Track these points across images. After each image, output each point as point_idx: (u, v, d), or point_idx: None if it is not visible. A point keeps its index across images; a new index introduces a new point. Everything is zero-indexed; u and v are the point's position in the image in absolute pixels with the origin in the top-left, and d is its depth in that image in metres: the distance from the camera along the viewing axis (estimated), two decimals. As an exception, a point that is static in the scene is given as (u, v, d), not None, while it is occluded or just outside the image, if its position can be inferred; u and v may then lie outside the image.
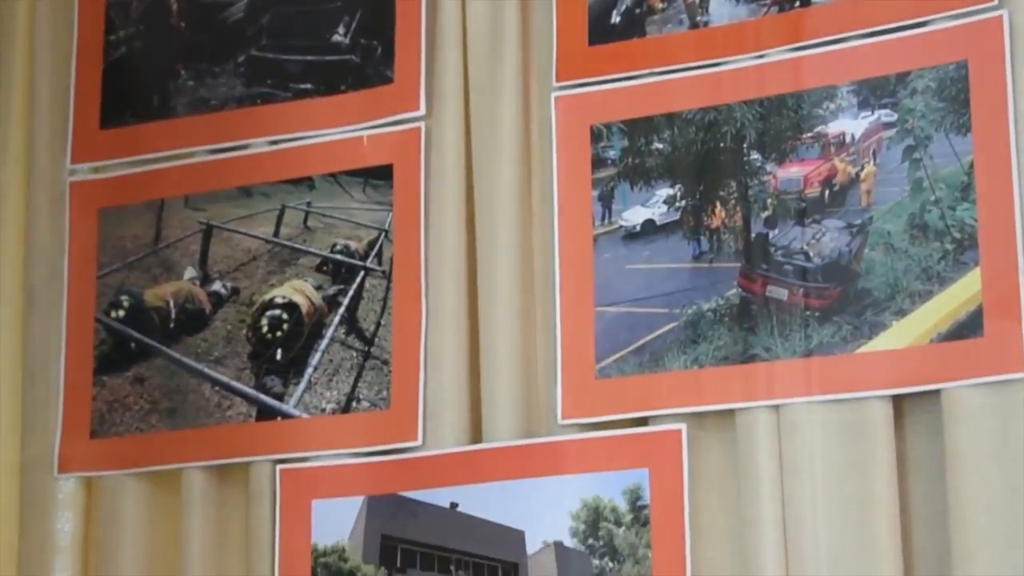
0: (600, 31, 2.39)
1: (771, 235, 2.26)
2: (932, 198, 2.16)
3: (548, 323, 2.36)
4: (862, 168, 2.22)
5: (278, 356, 2.51)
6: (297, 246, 2.56)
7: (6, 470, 2.63)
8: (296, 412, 2.48)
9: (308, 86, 2.56)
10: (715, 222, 2.29)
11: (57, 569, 2.57)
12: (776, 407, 2.20)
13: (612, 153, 2.36)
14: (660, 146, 2.34)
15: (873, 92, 2.22)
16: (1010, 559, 2.04)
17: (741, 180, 2.28)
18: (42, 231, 2.70)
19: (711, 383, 2.24)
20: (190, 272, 2.61)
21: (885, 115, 2.21)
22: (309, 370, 2.49)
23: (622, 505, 2.26)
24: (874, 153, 2.22)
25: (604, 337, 2.31)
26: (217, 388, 2.54)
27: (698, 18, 2.34)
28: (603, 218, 2.36)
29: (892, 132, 2.21)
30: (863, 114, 2.23)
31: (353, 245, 2.52)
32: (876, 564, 2.12)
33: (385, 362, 2.44)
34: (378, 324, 2.46)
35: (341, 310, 2.50)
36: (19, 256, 2.71)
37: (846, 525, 2.14)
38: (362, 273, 2.50)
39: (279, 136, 2.57)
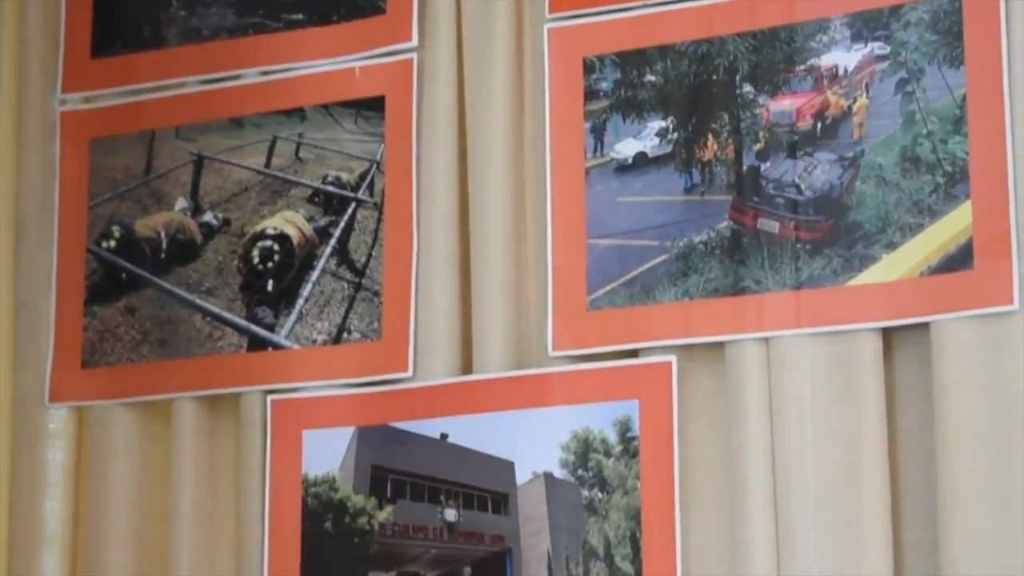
0: (594, -38, 2.38)
1: (763, 168, 2.25)
2: (924, 131, 2.16)
3: (539, 255, 2.36)
4: (854, 101, 2.21)
5: (269, 287, 2.51)
6: (288, 177, 2.55)
7: None
8: (287, 343, 2.48)
9: (300, 16, 2.55)
10: (707, 155, 2.29)
11: (48, 498, 2.58)
12: (766, 339, 2.20)
13: (604, 85, 2.35)
14: (653, 78, 2.32)
15: (866, 24, 2.21)
16: (996, 489, 2.05)
17: (733, 113, 2.27)
18: (33, 161, 2.69)
19: (701, 315, 2.24)
20: (181, 203, 2.60)
21: (878, 48, 2.20)
22: (300, 301, 2.49)
23: (612, 436, 2.27)
24: (867, 86, 2.21)
25: (595, 269, 2.31)
26: (208, 319, 2.54)
27: (691, -50, 2.33)
28: (595, 150, 2.35)
29: (885, 65, 2.20)
30: (856, 47, 2.22)
31: (344, 176, 2.51)
32: (863, 494, 2.13)
33: (376, 293, 2.44)
34: (369, 255, 2.46)
35: (332, 241, 2.49)
36: (10, 186, 2.70)
37: (834, 456, 2.15)
38: (353, 204, 2.49)
39: (271, 67, 2.56)
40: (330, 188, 2.52)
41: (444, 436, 2.37)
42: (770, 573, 2.15)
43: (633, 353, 2.28)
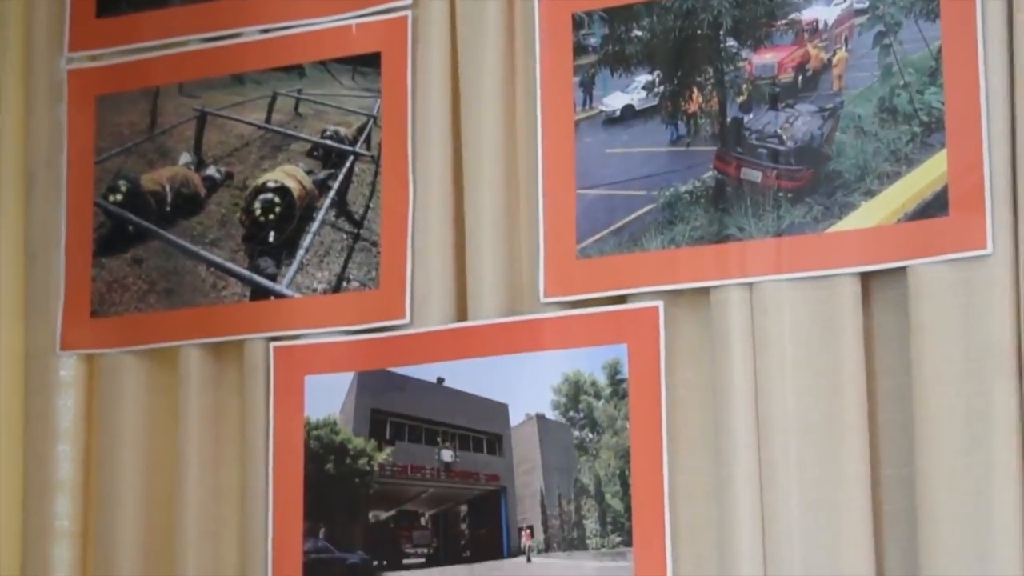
0: (588, -80, 2.38)
1: (746, 119, 2.27)
2: (901, 83, 2.17)
3: (531, 205, 2.37)
4: (834, 54, 2.23)
5: (271, 238, 2.52)
6: (288, 132, 2.56)
7: (9, 350, 2.65)
8: (288, 292, 2.49)
9: (298, -25, 2.56)
10: (692, 107, 2.30)
11: (60, 443, 2.59)
12: (749, 285, 2.22)
13: (593, 41, 2.36)
14: (639, 33, 2.33)
15: (845, -22, 2.23)
16: (971, 427, 2.07)
17: (717, 66, 2.29)
18: (41, 119, 2.70)
19: (687, 262, 2.25)
20: (185, 157, 2.61)
21: (857, 2, 2.22)
22: (301, 251, 2.50)
23: (601, 379, 2.29)
24: (846, 39, 2.22)
25: (585, 219, 2.32)
26: (212, 269, 2.55)
27: (674, -94, 2.34)
28: (584, 104, 2.36)
29: (863, 19, 2.21)
30: (835, 1, 2.23)
31: (343, 131, 2.52)
32: (842, 433, 2.15)
33: (374, 243, 2.45)
34: (367, 207, 2.47)
35: (331, 194, 2.50)
36: (19, 143, 2.71)
37: (815, 397, 2.17)
38: (351, 158, 2.50)
39: (270, 24, 2.56)
40: (329, 142, 2.52)
41: (440, 380, 2.38)
42: (753, 509, 2.16)
43: (621, 299, 2.30)
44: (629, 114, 2.34)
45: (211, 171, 2.59)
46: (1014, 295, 2.08)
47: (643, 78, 2.33)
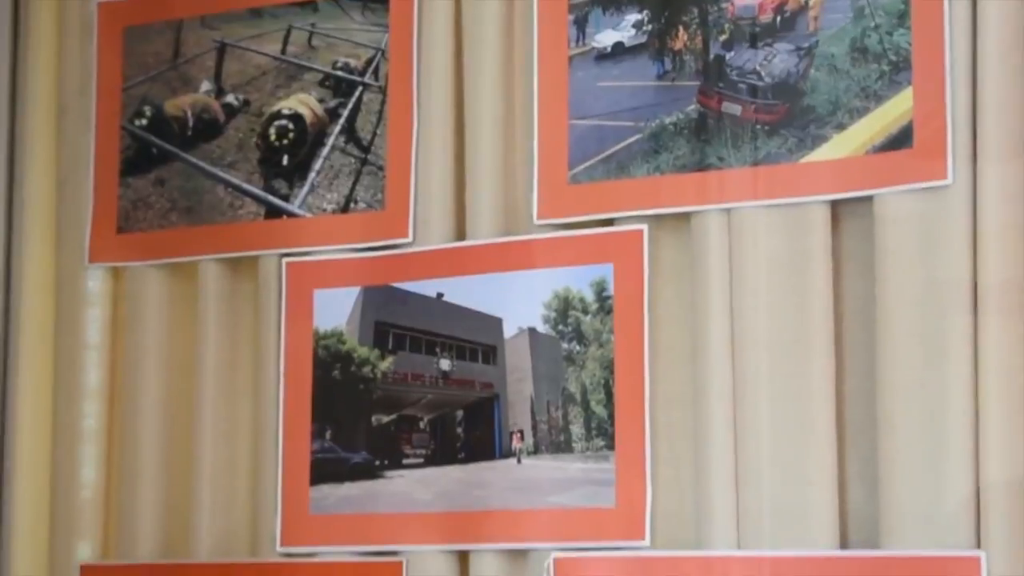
0: None
1: (727, 57, 2.28)
2: (872, 24, 2.18)
3: (526, 134, 2.38)
4: (811, -4, 2.24)
5: (284, 161, 2.54)
6: (302, 63, 2.58)
7: (41, 265, 2.67)
8: (300, 212, 2.51)
9: (311, -82, 2.56)
10: (678, 44, 2.31)
11: (89, 349, 2.62)
12: (727, 210, 2.23)
13: (587, -20, 2.37)
14: (630, -25, 2.34)
15: (821, -75, 2.23)
16: (928, 345, 2.10)
17: (702, 7, 2.29)
18: (72, 49, 2.72)
19: (670, 188, 2.27)
20: (206, 85, 2.63)
21: (832, -52, 2.23)
22: (312, 174, 2.51)
23: (589, 296, 2.31)
24: (821, -17, 2.23)
25: (576, 147, 2.33)
26: (230, 189, 2.57)
27: None
28: (578, 40, 2.37)
29: (838, -36, 2.22)
30: (813, -53, 2.24)
31: (352, 62, 2.53)
32: (810, 349, 2.17)
33: (380, 168, 2.46)
34: (374, 134, 2.48)
35: (341, 121, 2.52)
36: (52, 74, 2.73)
37: (785, 315, 2.19)
38: (360, 88, 2.52)
39: (286, -37, 2.57)
40: (339, 73, 2.54)
41: (440, 295, 2.40)
42: (726, 417, 2.19)
43: (609, 222, 2.31)
44: (619, 50, 2.35)
45: (230, 98, 2.60)
46: (971, 222, 2.10)
47: (633, 17, 2.34)
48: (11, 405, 2.65)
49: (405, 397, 2.42)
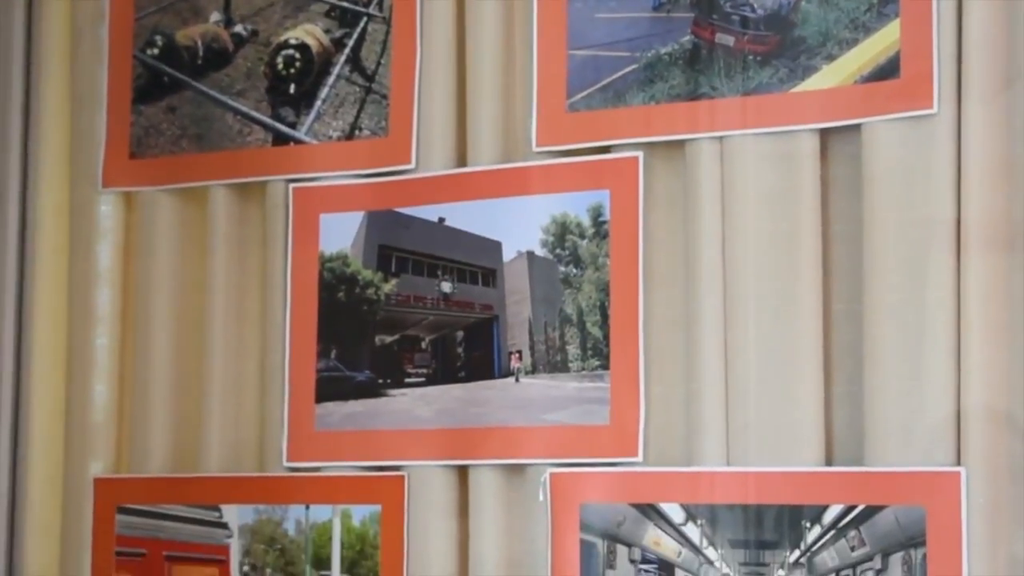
0: None
1: None
2: None
3: (526, 63, 2.37)
4: (803, -71, 2.22)
5: (291, 90, 2.53)
6: (309, -6, 2.57)
7: (56, 190, 2.66)
8: (307, 138, 2.50)
9: None
10: None
11: (101, 272, 2.62)
12: (719, 138, 2.23)
13: (587, -87, 2.35)
14: (629, -93, 2.32)
15: None
16: (913, 264, 2.11)
17: None
18: (87, -20, 2.70)
19: (664, 117, 2.26)
20: (215, 16, 2.61)
21: None
22: (318, 102, 2.50)
23: (585, 221, 2.31)
24: (814, -83, 2.22)
25: (574, 76, 2.32)
26: (238, 117, 2.56)
27: None
28: None
29: (830, -102, 2.20)
30: None
31: (357, -7, 2.53)
32: (799, 272, 2.18)
33: (384, 96, 2.45)
34: (378, 63, 2.47)
35: (346, 51, 2.50)
36: (67, 4, 2.70)
37: (775, 239, 2.19)
38: (365, 19, 2.50)
39: None
40: (345, 4, 2.52)
41: (441, 220, 2.40)
42: (717, 338, 2.20)
43: (605, 149, 2.31)
44: (617, -19, 2.34)
45: (239, 28, 2.59)
46: (955, 150, 2.11)
47: (630, -51, 2.33)
48: (28, 328, 2.65)
49: (407, 318, 2.43)
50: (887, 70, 2.15)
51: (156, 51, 2.64)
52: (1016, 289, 2.08)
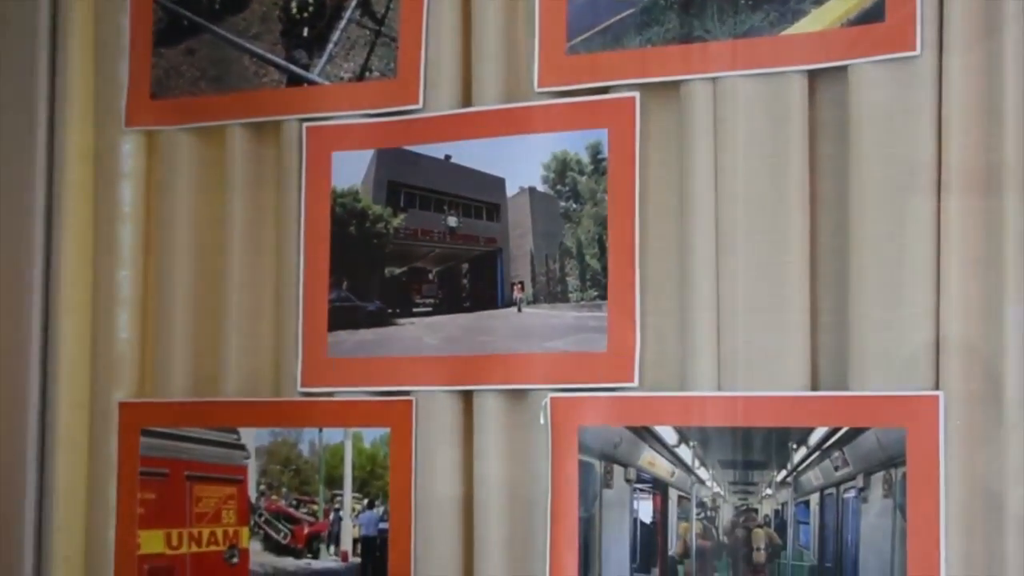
0: None
1: None
2: None
3: (529, 7, 2.37)
4: None
5: (305, 33, 2.53)
6: (321, -61, 2.55)
7: (82, 129, 2.66)
8: (319, 80, 2.50)
9: None
10: None
11: (125, 206, 2.63)
12: (713, 79, 2.23)
13: None
14: None
15: None
16: (895, 201, 2.12)
17: None
18: (107, -71, 2.68)
19: (660, 59, 2.27)
20: None
21: None
22: (330, 45, 2.50)
23: (585, 158, 2.32)
24: None
25: (574, 20, 2.33)
26: (254, 59, 2.56)
27: None
28: None
29: None
30: None
31: (368, -61, 2.51)
32: (787, 206, 2.19)
33: (393, 39, 2.45)
34: (388, 7, 2.46)
35: None
36: None
37: (765, 175, 2.20)
38: None
39: None
40: None
41: (448, 157, 2.40)
42: (709, 265, 2.22)
43: (604, 90, 2.31)
44: (617, -73, 2.32)
45: (254, -28, 2.58)
46: (936, 93, 2.12)
47: None
48: (55, 262, 2.65)
49: (415, 251, 2.44)
50: (872, 14, 2.15)
51: (175, -6, 2.64)
52: (992, 227, 2.09)
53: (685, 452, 2.22)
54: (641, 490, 2.25)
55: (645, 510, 2.25)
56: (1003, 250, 2.07)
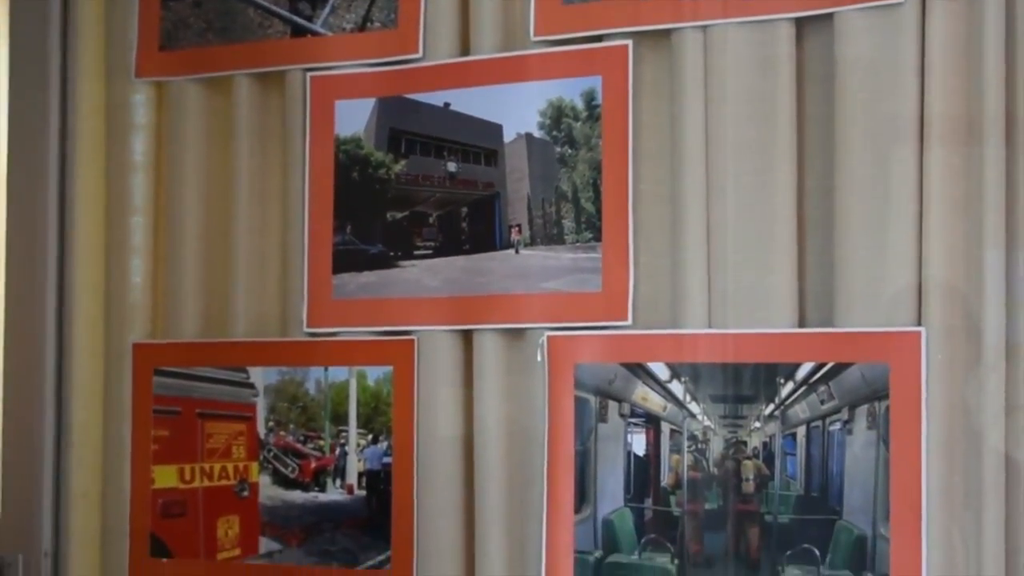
0: None
1: None
2: None
3: None
4: None
5: None
6: None
7: (94, 83, 2.64)
8: (322, 31, 2.49)
9: None
10: None
11: (136, 154, 2.62)
12: (703, 28, 2.22)
13: None
14: None
15: None
16: (879, 145, 2.12)
17: None
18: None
19: (652, 8, 2.25)
20: None
21: None
22: None
23: (580, 104, 2.31)
24: None
25: None
26: (259, 11, 2.54)
27: None
28: None
29: None
30: None
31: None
32: (776, 151, 2.19)
33: None
34: None
35: None
36: None
37: (754, 121, 2.20)
38: None
39: None
40: None
41: (447, 104, 2.39)
42: (700, 211, 2.21)
43: (598, 38, 2.30)
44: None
45: (259, -72, 2.56)
46: (919, 40, 2.11)
47: None
48: (70, 210, 2.64)
49: (416, 195, 2.43)
50: (858, -39, 2.13)
51: (183, -50, 2.62)
52: (973, 172, 2.09)
53: (677, 387, 2.23)
54: (635, 424, 2.26)
55: (638, 443, 2.25)
56: (983, 194, 2.07)
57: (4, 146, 2.67)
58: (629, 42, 2.28)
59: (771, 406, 2.17)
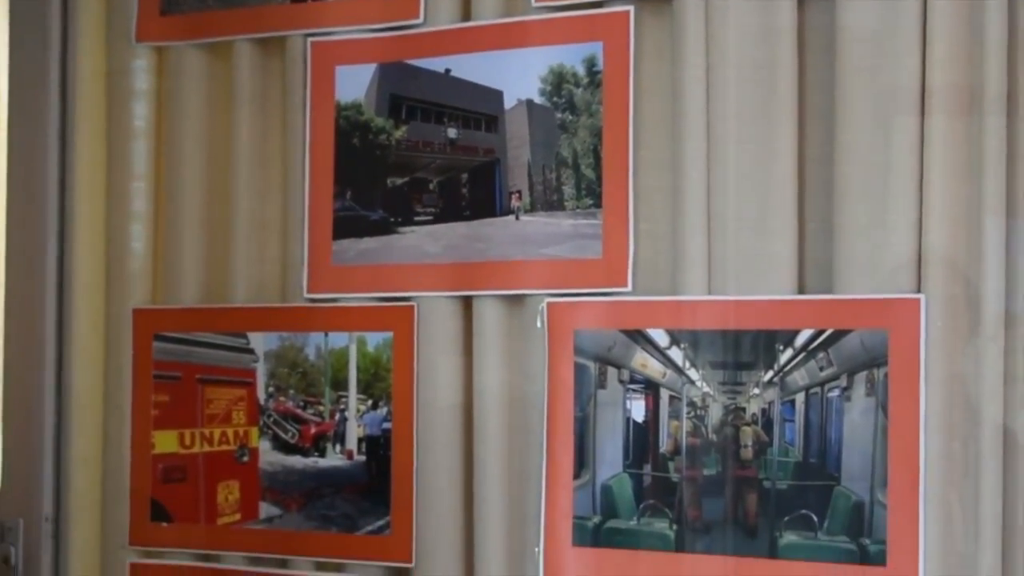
0: None
1: None
2: None
3: None
4: None
5: None
6: None
7: (95, 49, 2.62)
8: None
9: None
10: None
11: (136, 119, 2.60)
12: None
13: None
14: None
15: None
16: (881, 112, 2.10)
17: None
18: None
19: None
20: None
21: None
22: None
23: (580, 71, 2.29)
24: None
25: None
26: None
27: None
28: None
29: None
30: None
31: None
32: (777, 116, 2.17)
33: None
34: None
35: None
36: None
37: (755, 86, 2.18)
38: None
39: None
40: None
41: (448, 71, 2.37)
42: (700, 177, 2.19)
43: (599, 4, 2.28)
44: None
45: (258, -102, 2.52)
46: (920, 6, 2.09)
47: None
48: (71, 175, 2.61)
49: (416, 161, 2.41)
50: (860, -73, 2.11)
51: (183, -87, 2.59)
52: (973, 141, 2.07)
53: (676, 354, 2.21)
54: (634, 390, 2.24)
55: (638, 410, 2.24)
56: (983, 163, 2.05)
57: (5, 111, 2.65)
58: (631, 8, 2.25)
59: (770, 372, 2.16)
